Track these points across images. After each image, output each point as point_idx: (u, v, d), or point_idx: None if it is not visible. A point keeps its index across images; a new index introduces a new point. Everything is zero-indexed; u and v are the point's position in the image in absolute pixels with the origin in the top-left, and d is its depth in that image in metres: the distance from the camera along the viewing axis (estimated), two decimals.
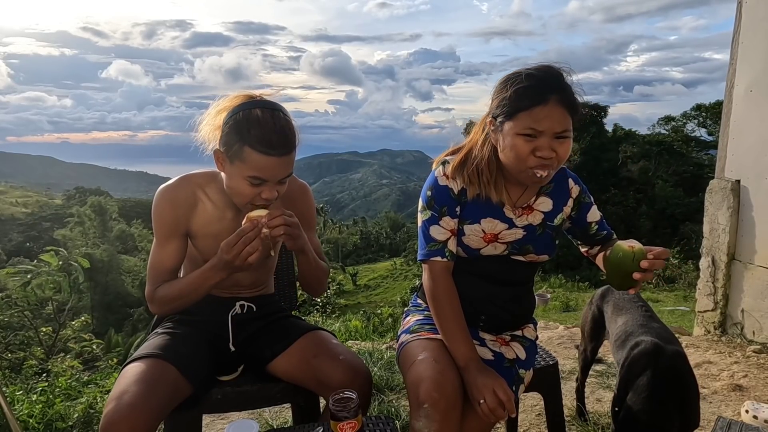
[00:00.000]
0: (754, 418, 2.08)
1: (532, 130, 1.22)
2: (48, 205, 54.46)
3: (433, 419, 1.17)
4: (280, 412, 2.36)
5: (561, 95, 1.22)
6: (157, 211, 1.42)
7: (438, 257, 1.36)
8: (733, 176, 3.22)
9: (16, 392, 2.65)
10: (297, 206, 1.53)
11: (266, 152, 1.26)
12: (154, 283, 1.44)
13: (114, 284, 24.64)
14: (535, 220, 1.41)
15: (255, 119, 1.28)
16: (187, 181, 1.44)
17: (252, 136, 1.26)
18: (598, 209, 1.51)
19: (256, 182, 1.30)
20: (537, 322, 1.59)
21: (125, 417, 1.15)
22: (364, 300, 28.05)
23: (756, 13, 3.06)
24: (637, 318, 1.66)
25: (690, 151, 31.20)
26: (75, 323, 9.16)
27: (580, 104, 1.26)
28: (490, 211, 1.38)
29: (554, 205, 1.43)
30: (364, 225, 65.17)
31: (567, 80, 1.26)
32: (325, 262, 1.61)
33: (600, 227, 1.50)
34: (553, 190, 1.44)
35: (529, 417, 2.27)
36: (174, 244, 1.44)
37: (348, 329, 5.06)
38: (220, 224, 1.45)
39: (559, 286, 14.33)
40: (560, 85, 1.23)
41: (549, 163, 1.24)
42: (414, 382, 1.24)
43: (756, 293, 3.10)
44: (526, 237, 1.40)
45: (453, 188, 1.36)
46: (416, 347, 1.35)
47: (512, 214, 1.40)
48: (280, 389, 1.50)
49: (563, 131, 1.23)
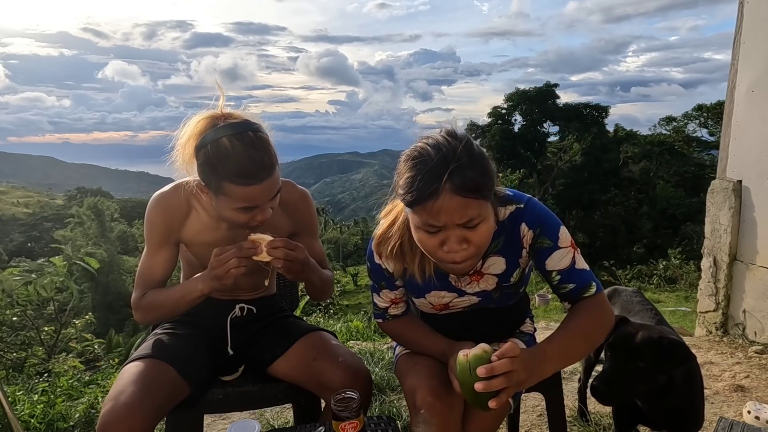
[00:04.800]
0: (756, 419, 2.08)
1: (432, 226, 1.04)
2: (49, 205, 54.49)
3: (430, 424, 1.16)
4: (281, 413, 2.36)
5: (455, 182, 1.00)
6: (149, 219, 1.40)
7: (380, 320, 1.39)
8: (735, 176, 3.22)
9: (18, 392, 2.65)
10: (298, 214, 1.53)
11: (247, 183, 1.22)
12: (140, 292, 1.42)
13: (115, 284, 24.63)
14: (489, 286, 1.27)
15: (225, 152, 1.21)
16: (181, 189, 1.41)
17: (228, 170, 1.20)
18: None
19: (247, 210, 1.28)
20: (533, 315, 1.58)
21: (122, 417, 1.15)
22: (365, 300, 28.03)
23: (757, 14, 3.06)
24: (647, 321, 1.64)
25: (691, 152, 31.12)
26: (78, 322, 9.16)
27: (487, 180, 1.04)
28: (433, 285, 1.27)
29: (507, 263, 1.24)
30: (364, 225, 65.10)
31: (463, 158, 1.01)
32: (329, 269, 1.59)
33: (564, 279, 1.18)
34: (504, 246, 1.22)
35: (531, 417, 2.27)
36: (164, 253, 1.42)
37: (349, 329, 5.05)
38: (215, 233, 1.43)
39: None
40: (453, 171, 0.99)
41: (464, 255, 1.08)
42: (410, 390, 1.24)
43: (757, 294, 3.09)
44: (482, 302, 1.31)
45: (387, 267, 1.27)
46: (411, 357, 1.36)
47: (459, 283, 1.27)
48: (282, 389, 1.50)
49: (468, 221, 1.03)
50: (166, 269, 1.44)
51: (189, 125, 1.29)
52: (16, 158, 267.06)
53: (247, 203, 1.26)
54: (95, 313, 10.80)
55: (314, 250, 1.57)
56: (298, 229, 1.55)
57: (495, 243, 1.20)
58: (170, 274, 1.46)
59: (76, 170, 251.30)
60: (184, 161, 1.31)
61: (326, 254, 1.68)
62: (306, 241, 1.56)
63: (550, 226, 1.19)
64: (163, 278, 1.44)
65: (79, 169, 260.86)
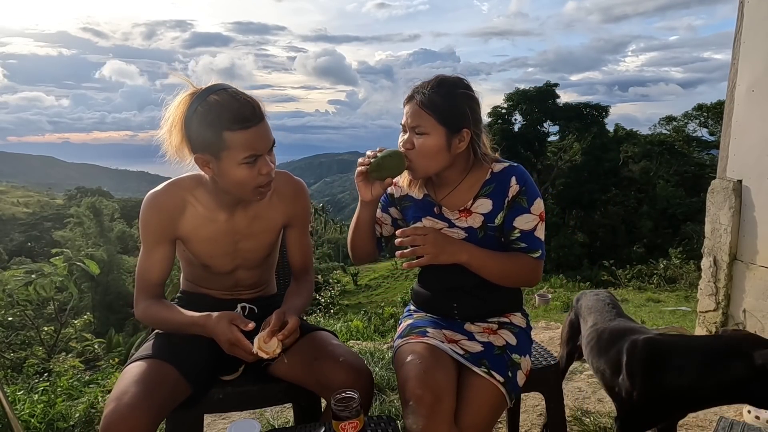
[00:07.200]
0: (756, 419, 2.08)
1: (403, 125, 1.43)
2: (49, 204, 54.49)
3: (419, 414, 1.18)
4: (281, 412, 2.36)
5: (417, 98, 1.39)
6: (143, 218, 1.41)
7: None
8: (735, 176, 3.21)
9: (18, 392, 2.65)
10: (292, 206, 1.53)
11: (246, 126, 1.25)
12: (140, 292, 1.44)
13: (115, 284, 24.62)
14: (475, 223, 1.45)
15: (216, 106, 1.25)
16: (174, 186, 1.42)
17: (224, 120, 1.24)
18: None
19: (251, 161, 1.29)
20: (528, 313, 1.60)
21: (125, 417, 1.16)
22: (365, 300, 28.02)
23: (758, 13, 3.05)
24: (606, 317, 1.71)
25: (691, 151, 31.11)
26: (77, 322, 9.17)
27: (445, 108, 1.36)
28: (429, 212, 1.50)
29: (494, 205, 1.43)
30: None
31: (435, 87, 1.38)
32: (311, 269, 1.62)
33: (521, 238, 1.41)
34: (493, 192, 1.44)
35: (530, 417, 2.27)
36: (160, 252, 1.42)
37: (349, 329, 5.06)
38: (212, 226, 1.44)
39: (560, 286, 14.29)
40: (421, 91, 1.39)
41: (410, 155, 1.40)
42: (401, 383, 1.28)
43: (758, 293, 3.09)
44: (468, 239, 1.45)
45: (393, 194, 1.57)
46: (405, 351, 1.38)
47: (450, 215, 1.47)
48: (282, 389, 1.50)
49: (415, 126, 1.38)
50: (163, 268, 1.44)
51: (170, 110, 1.31)
52: (16, 158, 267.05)
53: (251, 150, 1.27)
54: (95, 313, 10.80)
55: (303, 245, 1.60)
56: (290, 221, 1.56)
57: (486, 188, 1.44)
58: (168, 274, 1.47)
59: (76, 170, 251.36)
60: (174, 146, 1.33)
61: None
62: (296, 235, 1.58)
63: (533, 192, 1.42)
64: (160, 278, 1.45)
65: (78, 168, 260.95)
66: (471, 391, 1.30)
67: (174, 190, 1.42)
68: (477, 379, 1.31)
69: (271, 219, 1.51)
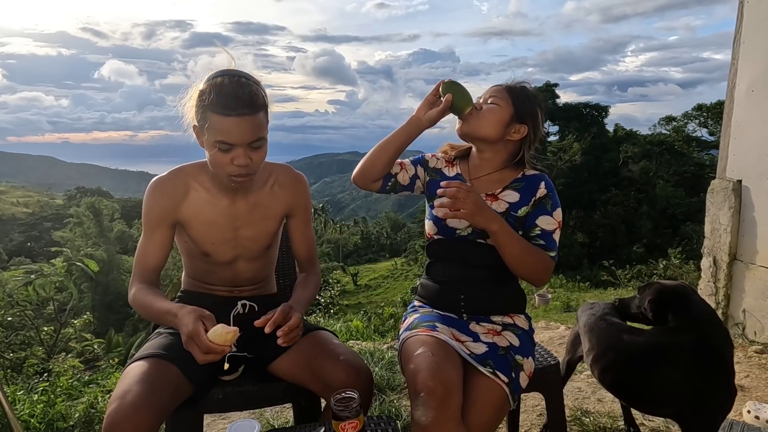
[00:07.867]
0: (756, 419, 2.08)
1: None
2: (49, 204, 54.51)
3: (429, 407, 1.18)
4: (281, 412, 2.36)
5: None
6: (146, 202, 1.45)
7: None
8: (735, 176, 3.22)
9: (17, 392, 2.65)
10: (292, 196, 1.56)
11: (225, 113, 1.28)
12: (135, 276, 1.46)
13: (114, 284, 24.64)
14: (499, 208, 1.52)
15: (215, 86, 1.30)
16: (178, 172, 1.47)
17: (212, 101, 1.29)
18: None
19: (225, 147, 1.31)
20: (531, 317, 1.62)
21: (128, 417, 1.15)
22: (365, 300, 28.05)
23: (757, 13, 3.06)
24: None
25: (691, 151, 31.14)
26: (77, 322, 9.17)
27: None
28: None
29: (521, 198, 1.52)
30: (364, 225, 65.16)
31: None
32: (316, 262, 1.64)
33: (540, 236, 1.49)
34: (523, 188, 1.54)
35: (531, 417, 2.27)
36: (160, 234, 1.45)
37: (349, 329, 5.05)
38: (214, 210, 1.47)
39: (559, 287, 14.30)
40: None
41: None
42: (411, 374, 1.27)
43: (757, 293, 3.09)
44: None
45: (429, 160, 1.66)
46: (414, 343, 1.37)
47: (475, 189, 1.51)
48: (282, 389, 1.50)
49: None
50: (161, 253, 1.47)
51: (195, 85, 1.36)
52: (16, 158, 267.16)
53: (223, 137, 1.30)
54: (95, 313, 10.80)
55: (306, 235, 1.62)
56: (292, 211, 1.59)
57: (516, 184, 1.54)
58: (164, 260, 1.48)
59: (75, 170, 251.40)
60: (187, 111, 1.39)
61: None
62: (299, 225, 1.61)
63: (556, 200, 1.53)
64: (157, 263, 1.47)
65: (78, 168, 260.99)
66: (476, 391, 1.30)
67: (178, 175, 1.46)
68: (482, 379, 1.31)
69: (272, 207, 1.54)
